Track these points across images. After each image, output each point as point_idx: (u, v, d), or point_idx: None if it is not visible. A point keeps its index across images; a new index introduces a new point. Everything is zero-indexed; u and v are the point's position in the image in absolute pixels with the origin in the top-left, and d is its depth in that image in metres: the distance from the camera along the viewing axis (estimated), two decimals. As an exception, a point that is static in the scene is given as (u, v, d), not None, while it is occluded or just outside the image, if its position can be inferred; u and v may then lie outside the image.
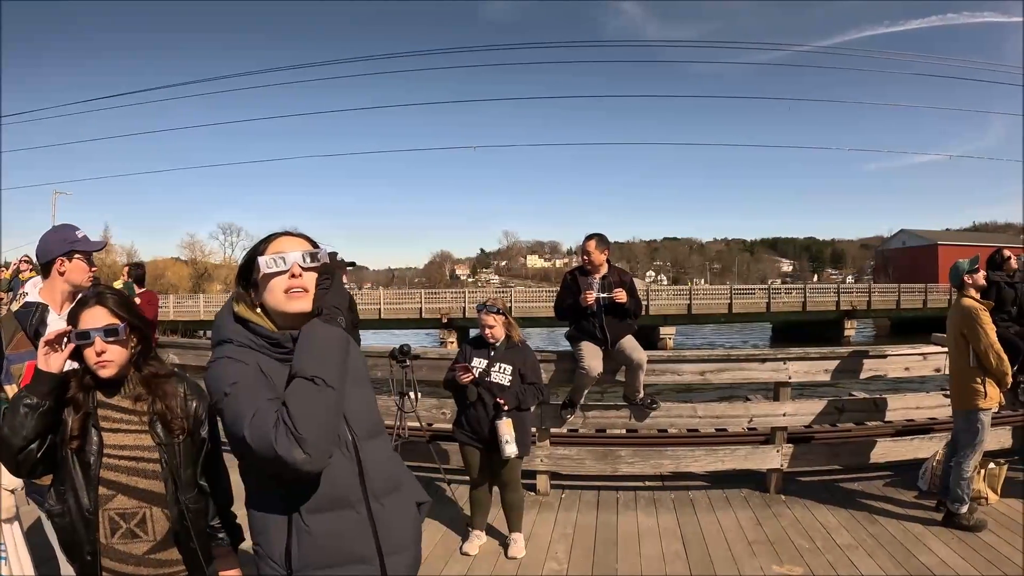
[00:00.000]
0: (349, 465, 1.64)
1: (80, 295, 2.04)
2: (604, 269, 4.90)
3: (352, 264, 1.70)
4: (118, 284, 7.46)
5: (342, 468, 1.61)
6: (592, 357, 4.84)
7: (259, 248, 1.67)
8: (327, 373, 1.45)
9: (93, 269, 2.82)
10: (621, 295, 4.75)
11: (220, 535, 2.06)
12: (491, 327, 4.23)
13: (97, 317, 1.87)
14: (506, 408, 4.05)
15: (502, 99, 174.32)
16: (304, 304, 1.60)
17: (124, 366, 1.91)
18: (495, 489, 4.35)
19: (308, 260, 1.62)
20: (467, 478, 4.43)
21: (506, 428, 4.02)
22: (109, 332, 1.84)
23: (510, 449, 4.01)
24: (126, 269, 7.97)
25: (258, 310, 1.66)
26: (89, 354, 1.84)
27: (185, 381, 2.04)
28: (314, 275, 1.61)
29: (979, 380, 4.46)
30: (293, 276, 1.60)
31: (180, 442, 1.94)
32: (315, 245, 1.69)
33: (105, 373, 1.86)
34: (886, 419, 5.56)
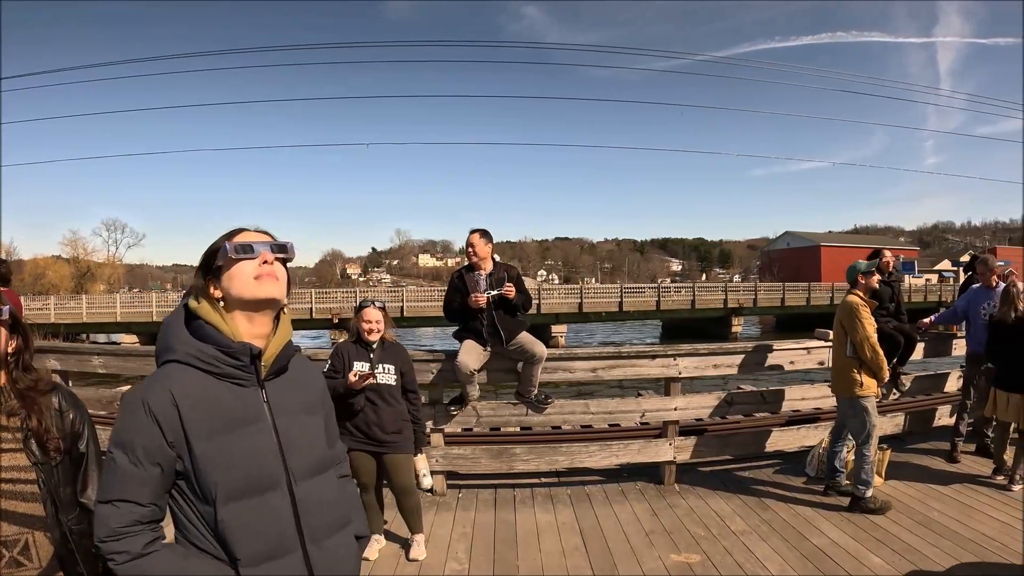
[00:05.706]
0: (283, 509, 1.47)
1: None
2: (489, 265, 4.83)
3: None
4: None
5: (273, 514, 1.45)
6: (466, 353, 4.77)
7: (223, 240, 1.55)
8: None
9: None
10: (511, 291, 4.71)
11: None
12: (376, 322, 4.05)
13: None
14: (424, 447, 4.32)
15: (397, 96, 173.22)
16: (274, 289, 1.51)
17: None
18: (386, 491, 4.21)
19: (276, 251, 1.55)
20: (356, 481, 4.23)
21: (423, 463, 4.23)
22: None
23: (427, 482, 4.28)
24: None
25: (221, 308, 1.50)
26: None
27: (60, 392, 1.84)
28: (281, 266, 1.55)
29: (856, 370, 4.71)
30: (265, 263, 1.51)
31: (57, 461, 1.79)
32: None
33: None
34: (774, 410, 5.74)
